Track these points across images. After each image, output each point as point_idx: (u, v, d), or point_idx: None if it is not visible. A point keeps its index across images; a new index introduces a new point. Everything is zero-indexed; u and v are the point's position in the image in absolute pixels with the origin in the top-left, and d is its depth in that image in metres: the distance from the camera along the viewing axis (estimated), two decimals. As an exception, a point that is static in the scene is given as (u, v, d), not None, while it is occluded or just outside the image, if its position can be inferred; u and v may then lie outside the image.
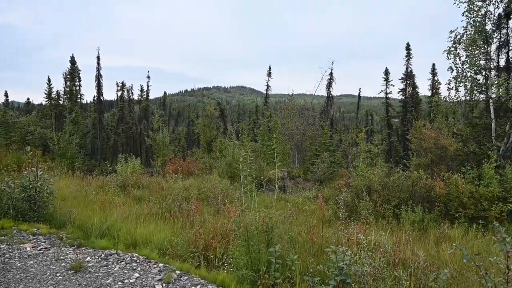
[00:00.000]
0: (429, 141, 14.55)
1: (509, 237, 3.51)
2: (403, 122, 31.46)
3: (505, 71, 17.67)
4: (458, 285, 5.06)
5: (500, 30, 18.25)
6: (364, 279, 4.47)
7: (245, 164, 6.02)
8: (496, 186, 11.47)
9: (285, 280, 5.06)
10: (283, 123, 24.79)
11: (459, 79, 17.81)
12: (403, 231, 8.34)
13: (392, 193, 11.27)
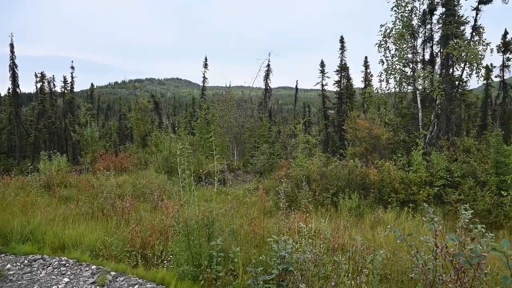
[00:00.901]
0: (363, 131, 15.47)
1: (437, 218, 3.81)
2: (339, 113, 33.10)
3: (430, 64, 19.34)
4: (393, 265, 5.43)
5: (425, 25, 19.90)
6: (305, 266, 4.59)
7: (183, 157, 5.85)
8: (423, 172, 12.56)
9: (227, 273, 5.03)
10: (221, 115, 24.69)
11: (389, 72, 19.13)
12: (341, 218, 8.78)
13: (330, 182, 11.80)
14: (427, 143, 17.83)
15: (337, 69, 33.61)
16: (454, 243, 3.47)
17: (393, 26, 18.81)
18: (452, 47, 16.98)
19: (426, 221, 3.79)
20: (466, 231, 3.96)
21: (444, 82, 18.13)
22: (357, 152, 15.31)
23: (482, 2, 18.61)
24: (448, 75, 18.54)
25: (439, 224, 3.74)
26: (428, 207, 3.71)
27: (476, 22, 18.74)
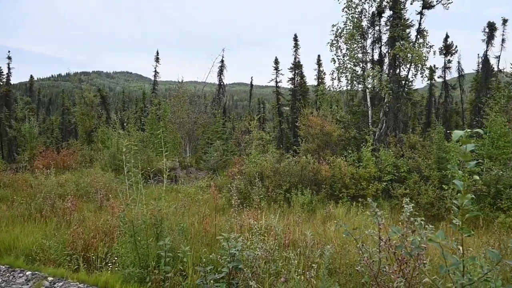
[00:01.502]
0: (316, 128, 15.89)
1: (381, 211, 3.99)
2: (293, 110, 33.72)
3: (378, 64, 20.26)
4: (342, 259, 5.62)
5: (374, 27, 20.79)
6: (256, 263, 4.61)
7: (130, 154, 5.63)
8: (372, 167, 13.14)
9: (177, 273, 4.93)
10: (173, 111, 24.16)
11: (341, 70, 19.81)
12: (294, 214, 8.94)
13: (283, 178, 11.98)
14: (376, 140, 18.69)
15: (291, 66, 34.18)
16: (397, 235, 3.66)
17: (344, 27, 19.49)
18: (398, 49, 17.90)
19: (370, 215, 3.95)
20: (408, 224, 4.19)
21: (392, 82, 19.09)
22: (310, 149, 15.69)
23: (425, 7, 19.78)
24: (395, 75, 19.54)
25: (383, 217, 3.91)
26: (372, 202, 3.87)
27: (420, 26, 19.90)
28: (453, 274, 3.53)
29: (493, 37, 32.67)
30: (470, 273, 3.64)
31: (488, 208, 11.99)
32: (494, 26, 32.55)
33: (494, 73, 32.62)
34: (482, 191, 12.51)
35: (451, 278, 3.36)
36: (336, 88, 20.39)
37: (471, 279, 3.39)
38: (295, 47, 33.85)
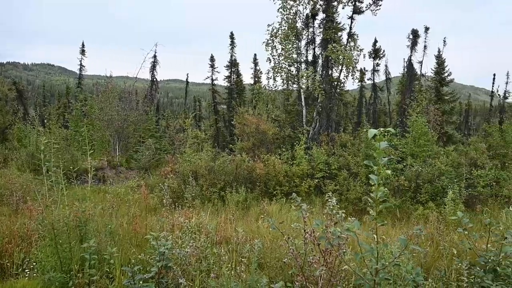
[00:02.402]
0: (251, 126, 16.22)
1: (307, 206, 4.27)
2: (229, 108, 33.98)
3: (312, 65, 21.21)
4: (272, 253, 5.88)
5: (308, 29, 21.72)
6: (186, 261, 4.67)
7: (50, 153, 5.36)
8: (305, 165, 13.78)
9: (103, 276, 4.81)
10: (101, 107, 23.02)
11: (276, 70, 20.42)
12: (228, 212, 9.09)
13: (218, 177, 12.11)
14: (310, 138, 19.57)
15: (227, 64, 34.41)
16: (320, 227, 3.96)
17: (280, 27, 20.12)
18: (330, 51, 18.90)
19: (295, 209, 4.21)
20: (330, 217, 4.54)
21: (324, 82, 20.11)
22: (245, 147, 15.98)
23: (356, 12, 21.11)
24: (327, 76, 20.61)
25: (307, 211, 4.20)
26: (296, 197, 4.12)
27: (351, 30, 21.22)
28: (369, 261, 3.93)
29: (416, 43, 35.72)
30: (384, 259, 4.07)
31: (409, 202, 13.21)
32: (417, 33, 35.62)
33: (417, 77, 35.68)
34: (404, 186, 13.75)
35: (366, 264, 3.74)
36: (272, 87, 20.99)
37: (384, 264, 3.79)
38: (232, 45, 34.12)
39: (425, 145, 17.46)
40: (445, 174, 13.85)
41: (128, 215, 7.37)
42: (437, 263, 5.98)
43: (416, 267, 5.98)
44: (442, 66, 29.59)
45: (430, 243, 6.98)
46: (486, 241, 4.95)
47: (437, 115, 23.58)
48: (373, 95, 40.31)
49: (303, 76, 19.77)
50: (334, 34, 19.94)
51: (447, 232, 7.47)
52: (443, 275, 5.03)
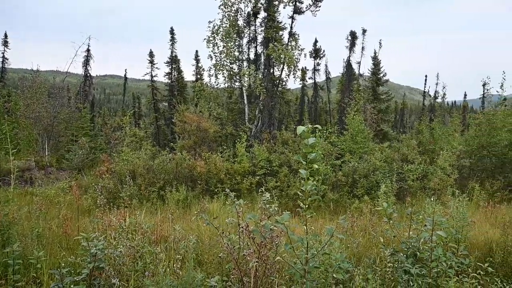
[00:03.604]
0: (192, 124, 16.15)
1: (240, 201, 4.44)
2: (170, 106, 33.35)
3: (254, 63, 21.57)
4: (211, 249, 6.00)
5: (250, 27, 22.03)
6: (121, 261, 4.64)
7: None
8: (246, 162, 14.03)
9: (29, 281, 4.62)
10: (27, 104, 21.51)
11: (218, 67, 20.49)
12: (168, 211, 9.05)
13: (157, 176, 11.95)
14: (252, 136, 19.91)
15: (168, 60, 33.71)
16: (253, 221, 4.15)
17: (221, 24, 20.21)
18: (272, 49, 19.36)
19: (229, 204, 4.37)
20: (264, 211, 4.76)
21: (266, 81, 20.55)
22: (186, 145, 15.88)
23: (296, 12, 21.81)
24: (269, 74, 21.08)
25: (242, 206, 4.38)
26: (230, 192, 4.28)
27: (292, 29, 21.88)
28: (300, 251, 4.19)
29: (354, 44, 37.60)
30: (315, 248, 4.36)
31: (346, 196, 13.98)
32: (355, 35, 37.50)
33: (356, 77, 37.60)
34: (342, 181, 14.53)
35: (295, 254, 3.99)
36: (214, 85, 21.04)
37: (313, 253, 4.08)
38: (172, 41, 33.41)
39: (362, 142, 18.53)
40: (379, 169, 14.82)
41: (59, 217, 7.08)
42: (368, 252, 6.42)
43: (348, 256, 6.45)
44: (378, 67, 31.45)
45: (363, 233, 7.46)
46: (408, 229, 5.47)
47: (373, 114, 25.04)
48: (314, 94, 41.78)
49: (244, 74, 20.03)
50: (276, 33, 20.43)
51: (379, 223, 8.03)
52: (372, 263, 5.45)
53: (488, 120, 18.63)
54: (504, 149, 17.24)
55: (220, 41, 20.15)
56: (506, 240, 6.59)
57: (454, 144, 21.09)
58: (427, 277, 4.40)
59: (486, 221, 9.32)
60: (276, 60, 20.43)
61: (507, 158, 17.11)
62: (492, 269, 5.39)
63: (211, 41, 20.13)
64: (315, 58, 39.99)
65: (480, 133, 18.73)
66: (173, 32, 33.22)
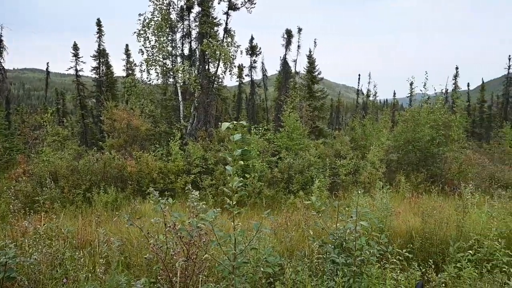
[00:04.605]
0: (122, 122, 15.56)
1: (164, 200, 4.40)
2: (98, 103, 31.77)
3: (189, 59, 21.29)
4: (140, 251, 5.87)
5: (183, 21, 21.69)
6: (36, 269, 4.39)
7: None
8: (180, 161, 13.84)
9: None
10: None
11: (150, 62, 19.91)
12: (94, 214, 8.66)
13: (83, 177, 11.38)
14: (187, 134, 19.67)
15: (95, 54, 32.02)
16: (180, 220, 4.14)
17: (152, 17, 19.64)
18: (206, 45, 19.24)
19: (153, 203, 4.32)
20: (192, 209, 4.77)
21: (201, 77, 20.39)
22: (116, 144, 15.27)
23: (231, 8, 21.88)
24: (204, 71, 20.94)
25: (166, 205, 4.34)
26: (153, 190, 4.25)
27: (227, 25, 21.91)
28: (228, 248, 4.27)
29: (290, 42, 38.58)
30: (241, 244, 4.46)
31: (282, 192, 14.37)
32: (291, 33, 38.50)
33: (292, 75, 38.65)
34: (278, 177, 14.91)
35: (223, 251, 4.06)
36: (146, 80, 20.43)
37: (241, 249, 4.17)
38: (99, 33, 31.73)
39: (298, 139, 19.15)
40: (314, 165, 15.43)
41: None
42: (301, 245, 6.68)
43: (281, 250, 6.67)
44: (313, 66, 32.58)
45: (296, 228, 7.74)
46: (336, 221, 5.79)
47: (309, 111, 25.96)
48: (251, 91, 42.27)
49: (178, 70, 19.69)
50: (210, 29, 20.33)
51: (312, 217, 8.38)
52: (303, 255, 5.69)
53: (413, 117, 20.18)
54: (427, 143, 18.81)
55: (152, 35, 19.58)
56: (425, 228, 7.23)
57: (382, 140, 22.63)
58: (352, 266, 4.68)
59: (410, 211, 10.11)
60: (211, 57, 20.34)
61: (429, 152, 18.69)
62: (411, 254, 5.91)
63: (142, 35, 19.48)
64: (252, 55, 40.44)
65: (406, 129, 20.24)
66: (100, 24, 31.54)
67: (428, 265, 5.22)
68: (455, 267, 4.91)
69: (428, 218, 7.33)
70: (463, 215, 7.16)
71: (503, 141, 36.35)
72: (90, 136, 30.58)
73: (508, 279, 4.44)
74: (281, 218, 8.74)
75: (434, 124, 19.21)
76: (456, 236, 6.73)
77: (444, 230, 6.97)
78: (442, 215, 7.46)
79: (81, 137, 29.61)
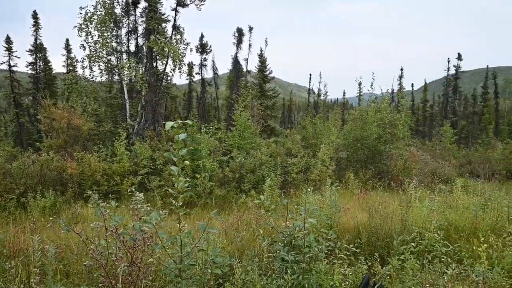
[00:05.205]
0: (61, 121, 14.75)
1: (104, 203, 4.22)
2: (36, 101, 29.95)
3: (135, 56, 20.64)
4: (80, 257, 5.59)
5: (129, 16, 20.98)
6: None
7: None
8: (127, 162, 13.39)
9: None
10: None
11: (93, 59, 19.04)
12: (30, 220, 8.15)
13: (16, 181, 10.66)
14: (134, 133, 19.07)
15: (31, 49, 30.13)
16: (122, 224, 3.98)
17: (95, 11, 18.80)
18: (153, 42, 18.73)
19: (92, 207, 4.14)
20: (136, 212, 4.62)
21: (149, 75, 19.84)
22: (55, 145, 14.44)
23: (179, 4, 21.48)
24: (152, 68, 20.39)
25: (108, 208, 4.17)
26: (93, 193, 4.07)
27: (176, 22, 21.50)
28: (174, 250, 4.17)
29: (241, 41, 38.68)
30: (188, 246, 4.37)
31: (233, 191, 14.34)
32: (242, 32, 38.60)
33: (244, 74, 38.76)
34: (229, 177, 14.87)
35: (168, 254, 3.96)
36: (89, 77, 19.51)
37: (188, 251, 4.09)
38: (36, 26, 29.88)
39: (249, 138, 19.23)
40: (266, 163, 15.55)
41: None
42: (252, 244, 6.70)
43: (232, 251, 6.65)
44: (264, 64, 32.86)
45: (247, 227, 7.75)
46: (285, 219, 5.86)
47: (260, 110, 26.16)
48: (202, 89, 41.89)
49: (124, 67, 18.99)
50: (158, 25, 19.83)
51: (263, 216, 8.43)
52: (254, 255, 5.70)
53: (361, 116, 21.00)
54: (374, 141, 19.64)
55: (95, 30, 18.71)
56: (371, 223, 7.53)
57: (332, 138, 23.36)
58: (301, 263, 4.75)
59: (358, 207, 10.49)
60: (159, 54, 19.84)
61: (376, 149, 19.53)
62: (359, 249, 6.13)
63: (83, 29, 18.52)
64: (202, 53, 40.07)
65: (355, 127, 21.02)
66: (37, 16, 29.71)
67: (374, 258, 5.42)
68: (398, 259, 5.14)
69: (374, 213, 7.63)
70: (407, 209, 7.52)
71: (443, 139, 38.97)
72: (26, 136, 28.75)
73: (446, 268, 4.71)
74: (232, 218, 8.72)
75: (381, 122, 20.10)
76: (400, 230, 7.06)
77: (389, 224, 7.28)
78: (388, 210, 7.79)
79: (16, 138, 27.78)
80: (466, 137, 51.40)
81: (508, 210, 7.59)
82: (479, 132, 50.87)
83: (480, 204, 8.22)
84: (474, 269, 4.69)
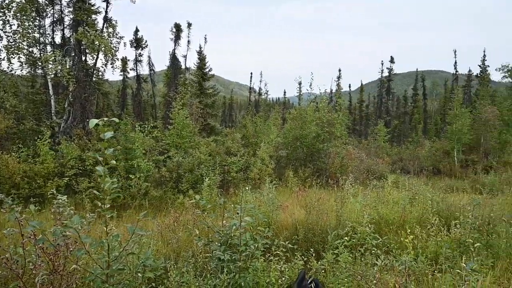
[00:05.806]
0: (-26, 119, 13.55)
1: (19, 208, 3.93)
2: None
3: (60, 49, 19.43)
4: None
5: (54, 6, 19.72)
6: None
7: None
8: (51, 162, 12.58)
9: None
10: None
11: (12, 50, 17.58)
12: None
13: None
14: (61, 132, 17.97)
15: None
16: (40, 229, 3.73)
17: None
18: (82, 34, 17.73)
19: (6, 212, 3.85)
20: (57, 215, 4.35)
21: (77, 69, 18.79)
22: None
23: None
24: (81, 62, 19.33)
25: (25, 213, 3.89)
26: (4, 197, 3.80)
27: (107, 14, 20.59)
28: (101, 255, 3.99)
29: (180, 37, 37.99)
30: (117, 249, 4.21)
31: (170, 192, 14.05)
32: (180, 28, 37.92)
33: (182, 71, 38.10)
34: (166, 177, 14.55)
35: (93, 259, 3.78)
36: (7, 70, 17.99)
37: (116, 255, 3.93)
38: None
39: (188, 137, 18.98)
40: (204, 163, 15.42)
41: None
42: (188, 246, 6.62)
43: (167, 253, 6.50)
44: (204, 62, 32.57)
45: (183, 228, 7.63)
46: (222, 218, 5.85)
47: (199, 108, 25.91)
48: (137, 86, 40.59)
49: (48, 60, 17.75)
50: (87, 17, 18.81)
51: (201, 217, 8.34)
52: (190, 256, 5.63)
53: (300, 115, 21.59)
54: (313, 140, 20.30)
55: (14, 19, 17.29)
56: (308, 219, 7.77)
57: (272, 137, 23.79)
58: (238, 261, 4.78)
59: (297, 204, 10.77)
60: (89, 47, 18.84)
61: (315, 148, 20.20)
62: (296, 245, 6.29)
63: (0, 17, 17.07)
64: (137, 48, 38.80)
65: (295, 126, 21.58)
66: None
67: (310, 254, 5.60)
68: (333, 253, 5.35)
69: (311, 210, 7.87)
70: (342, 205, 7.86)
71: (378, 137, 41.35)
72: None
73: (376, 259, 4.99)
74: (168, 219, 8.57)
75: (319, 122, 20.82)
76: (335, 225, 7.36)
77: (325, 220, 7.56)
78: (324, 207, 8.09)
79: None
80: (398, 136, 55.00)
81: (432, 203, 8.21)
82: (410, 131, 54.76)
83: (408, 198, 8.84)
84: (400, 258, 5.02)
